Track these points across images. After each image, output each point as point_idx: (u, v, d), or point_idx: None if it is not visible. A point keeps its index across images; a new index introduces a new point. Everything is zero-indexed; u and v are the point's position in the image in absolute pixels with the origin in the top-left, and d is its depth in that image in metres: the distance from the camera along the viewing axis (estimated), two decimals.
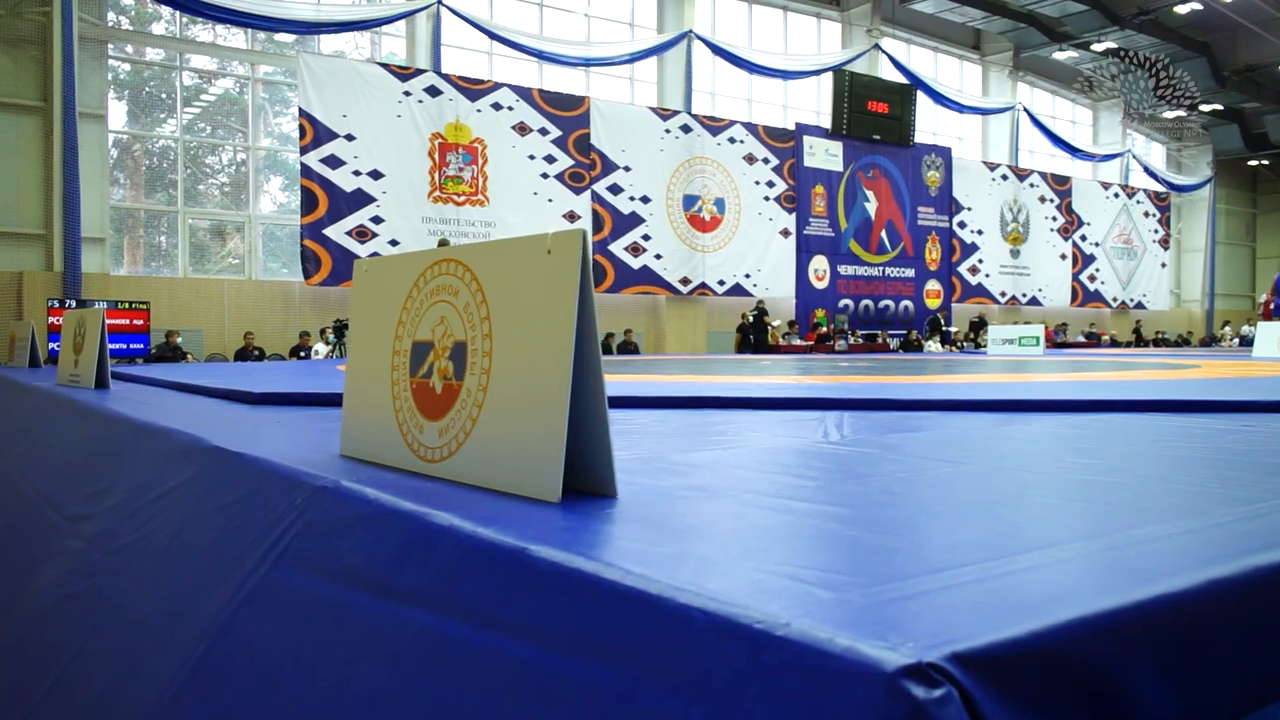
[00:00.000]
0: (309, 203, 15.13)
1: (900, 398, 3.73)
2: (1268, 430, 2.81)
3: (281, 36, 16.39)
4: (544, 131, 17.45)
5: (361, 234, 15.49)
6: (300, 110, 15.18)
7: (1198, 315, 32.31)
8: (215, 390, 4.42)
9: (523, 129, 17.23)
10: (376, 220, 15.64)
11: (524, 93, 17.34)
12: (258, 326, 15.09)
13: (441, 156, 16.36)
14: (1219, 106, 29.01)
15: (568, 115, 17.73)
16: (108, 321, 4.59)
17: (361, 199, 15.52)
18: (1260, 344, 11.72)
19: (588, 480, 1.59)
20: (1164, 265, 30.64)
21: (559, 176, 17.62)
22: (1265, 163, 33.73)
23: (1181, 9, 23.97)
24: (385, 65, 16.25)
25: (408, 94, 16.06)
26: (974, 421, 3.17)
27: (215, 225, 16.32)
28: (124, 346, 12.43)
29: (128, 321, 12.52)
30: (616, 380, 5.89)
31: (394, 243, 15.72)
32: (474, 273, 1.76)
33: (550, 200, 17.49)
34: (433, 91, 16.30)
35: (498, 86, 17.09)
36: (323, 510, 1.66)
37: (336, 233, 15.28)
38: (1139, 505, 1.46)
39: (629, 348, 17.82)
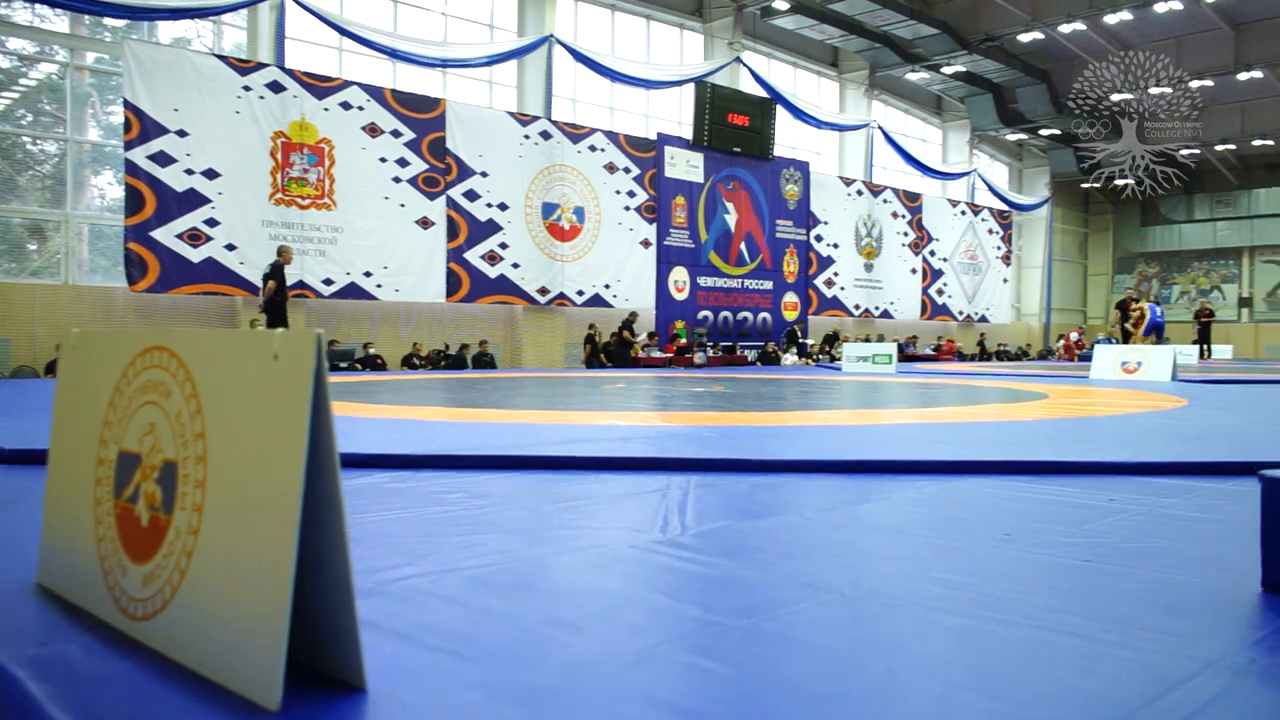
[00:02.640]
0: (135, 202, 13.97)
1: (752, 458, 3.44)
2: (1137, 509, 2.62)
3: (112, 21, 15.12)
4: (396, 134, 16.71)
5: (194, 237, 14.44)
6: (125, 101, 14.01)
7: (1036, 328, 33.91)
8: None
9: (374, 130, 16.45)
10: (211, 223, 14.60)
11: (375, 92, 16.56)
12: None
13: (285, 156, 15.43)
14: (1056, 131, 30.49)
15: (422, 117, 17.03)
16: None
17: (194, 200, 14.45)
18: (1097, 366, 12.13)
19: (327, 658, 1.18)
20: (1006, 280, 32.01)
21: (412, 181, 16.90)
22: (1096, 185, 35.70)
23: (1024, 37, 25.04)
24: (222, 57, 15.20)
25: (248, 89, 15.07)
26: (829, 494, 2.90)
27: (34, 224, 14.93)
28: None
29: None
30: (451, 420, 5.43)
31: (230, 247, 14.72)
32: (188, 370, 1.33)
33: (403, 205, 16.76)
34: (276, 87, 15.34)
35: (347, 84, 16.26)
36: None
37: (166, 235, 14.18)
38: (1035, 692, 1.16)
39: (484, 360, 17.26)
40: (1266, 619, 1.52)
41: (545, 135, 18.73)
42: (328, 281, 15.91)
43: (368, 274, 16.34)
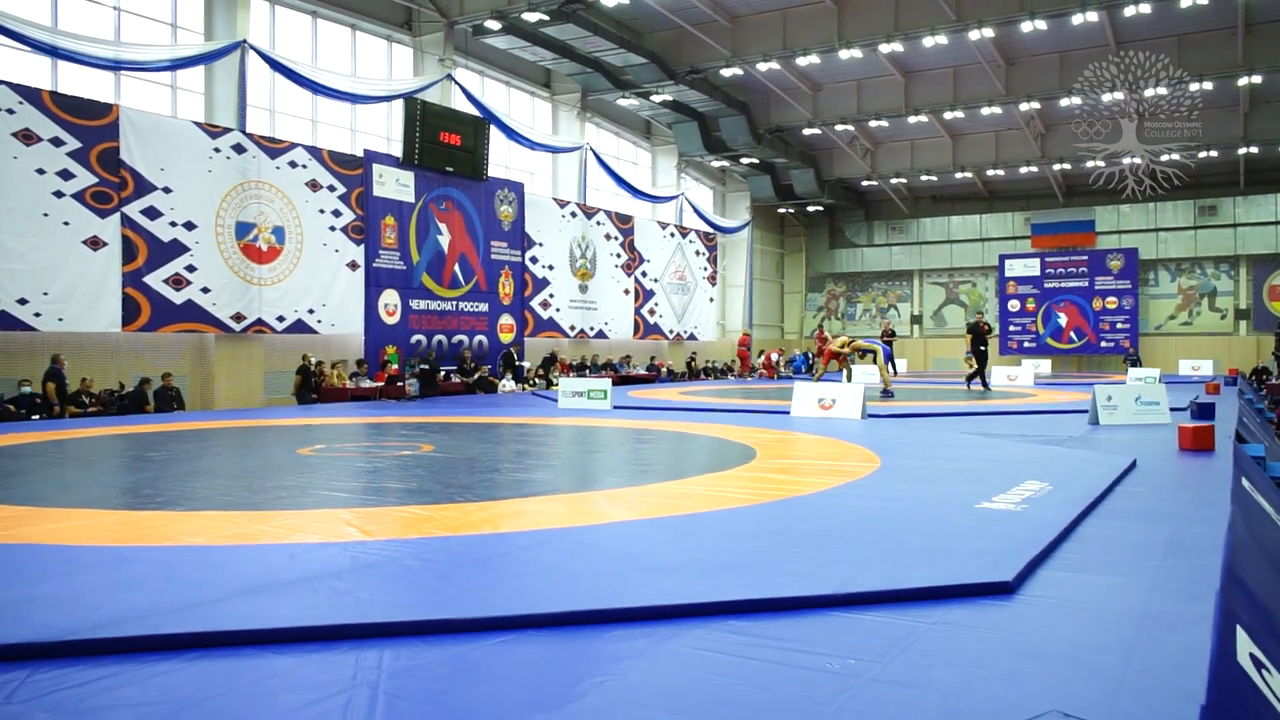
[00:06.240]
0: None
1: (454, 617, 3.07)
2: (858, 686, 2.51)
3: None
4: (58, 142, 14.70)
5: None
6: None
7: None
8: None
9: (29, 137, 14.38)
10: None
11: (31, 94, 14.48)
12: None
13: None
14: (755, 160, 32.32)
15: (90, 125, 15.10)
16: None
17: None
18: (797, 403, 12.69)
19: None
20: (712, 300, 33.54)
21: (79, 196, 14.95)
22: (791, 210, 38.36)
23: (726, 72, 26.27)
24: None
25: None
26: (537, 676, 2.59)
27: None
28: None
29: None
30: (88, 545, 4.47)
31: None
32: None
33: (67, 224, 14.78)
34: None
35: None
36: None
37: None
38: None
39: (169, 396, 15.57)
40: None
41: (239, 149, 17.26)
42: None
43: (23, 301, 14.27)
